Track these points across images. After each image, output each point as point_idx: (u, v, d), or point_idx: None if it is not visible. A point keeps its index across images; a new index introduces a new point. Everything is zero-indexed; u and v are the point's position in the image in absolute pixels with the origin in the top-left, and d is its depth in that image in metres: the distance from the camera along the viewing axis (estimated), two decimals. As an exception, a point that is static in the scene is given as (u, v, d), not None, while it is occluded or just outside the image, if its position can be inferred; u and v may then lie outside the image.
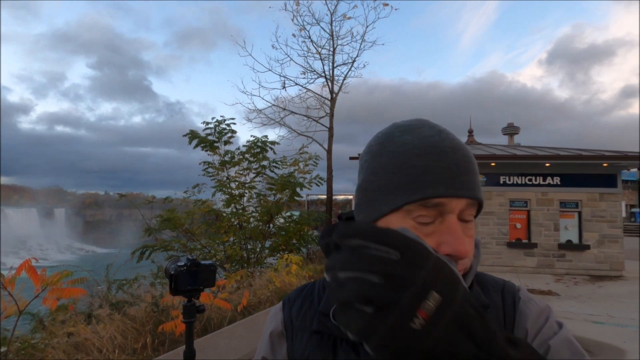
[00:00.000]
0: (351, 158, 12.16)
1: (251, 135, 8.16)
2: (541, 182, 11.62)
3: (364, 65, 13.45)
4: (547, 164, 11.39)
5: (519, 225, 11.72)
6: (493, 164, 11.60)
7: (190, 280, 1.35)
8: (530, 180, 11.66)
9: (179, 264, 1.34)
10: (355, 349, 0.61)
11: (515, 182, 11.71)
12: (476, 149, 13.54)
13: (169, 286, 1.33)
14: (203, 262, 1.41)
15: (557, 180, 11.52)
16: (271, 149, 7.87)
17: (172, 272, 1.33)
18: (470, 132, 15.95)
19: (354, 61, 12.79)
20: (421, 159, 0.56)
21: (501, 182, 11.75)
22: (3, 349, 3.08)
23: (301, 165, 9.23)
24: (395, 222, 0.56)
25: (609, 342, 5.26)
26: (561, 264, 11.37)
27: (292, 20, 12.17)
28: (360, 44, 12.81)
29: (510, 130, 20.10)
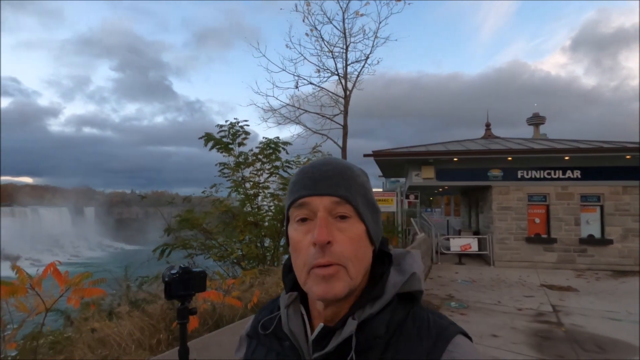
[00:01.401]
0: (365, 155, 12.23)
1: (263, 137, 8.29)
2: (561, 176, 11.37)
3: (378, 62, 13.41)
4: (567, 157, 11.13)
5: (537, 220, 11.52)
6: (510, 158, 11.43)
7: (182, 286, 1.51)
8: (549, 174, 11.43)
9: (172, 271, 1.51)
10: (277, 358, 0.72)
11: (533, 177, 11.51)
12: (493, 143, 13.34)
13: (164, 291, 1.50)
14: (194, 269, 1.57)
15: (577, 173, 11.25)
16: (284, 149, 8.03)
17: (166, 279, 1.50)
18: (488, 125, 15.66)
19: (367, 58, 12.78)
20: (295, 177, 0.71)
21: (519, 176, 11.57)
22: (35, 343, 3.38)
23: (314, 164, 9.37)
24: (290, 229, 0.70)
25: (625, 340, 5.20)
26: (583, 259, 11.13)
27: (303, 20, 12.26)
28: (373, 40, 12.78)
29: (536, 121, 19.52)
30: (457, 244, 12.10)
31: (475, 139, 15.41)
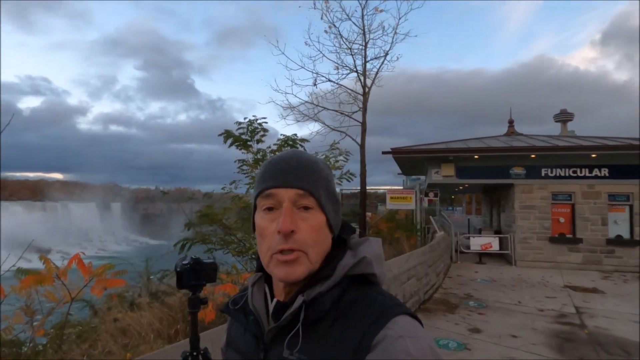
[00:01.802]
0: (384, 152, 12.15)
1: (281, 134, 8.35)
2: (587, 174, 10.99)
3: (397, 58, 13.21)
4: (593, 155, 10.75)
5: (562, 220, 11.19)
6: (533, 155, 11.13)
7: (193, 276, 1.56)
8: (574, 172, 11.07)
9: (184, 262, 1.56)
10: (244, 332, 0.81)
11: (558, 175, 11.18)
12: (516, 140, 13.01)
13: (176, 280, 1.56)
14: (205, 260, 1.62)
15: (605, 172, 10.86)
16: (301, 146, 8.06)
17: (178, 269, 1.55)
18: (511, 122, 15.26)
19: (386, 54, 12.67)
20: (263, 168, 0.76)
21: (542, 174, 11.26)
22: (62, 332, 3.54)
23: (332, 161, 9.38)
24: (257, 217, 0.75)
25: (651, 344, 5.01)
26: (610, 260, 10.74)
27: (322, 18, 12.25)
28: (393, 37, 12.66)
29: (563, 117, 18.84)
30: (477, 242, 11.89)
31: (497, 136, 15.06)
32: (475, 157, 11.73)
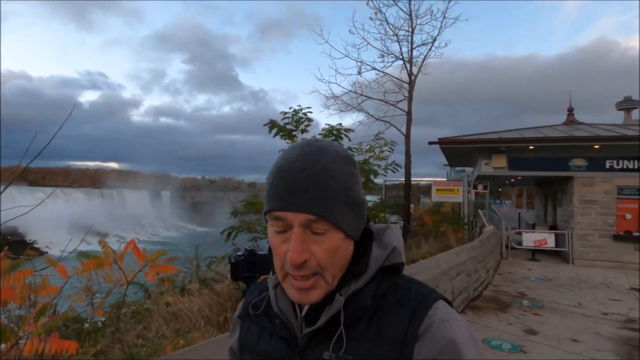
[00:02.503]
0: (430, 143, 11.73)
1: (325, 124, 8.29)
2: (660, 167, 9.97)
3: (446, 44, 12.65)
4: (669, 145, 9.72)
5: (628, 216, 10.26)
6: (597, 146, 10.26)
7: (247, 268, 1.51)
8: (645, 164, 10.08)
9: (238, 253, 1.52)
10: (270, 336, 0.74)
11: (625, 167, 10.23)
12: (576, 129, 12.05)
13: (230, 272, 1.52)
14: (260, 252, 1.57)
15: (681, 164, 9.79)
16: (346, 136, 7.94)
17: (232, 261, 1.51)
18: (570, 110, 14.13)
19: (434, 40, 12.16)
20: (272, 177, 0.66)
21: (607, 166, 10.36)
22: (118, 312, 3.72)
23: (376, 151, 9.18)
24: (269, 232, 0.68)
25: None
26: (684, 262, 9.73)
27: (367, 4, 11.94)
28: (442, 21, 12.11)
29: (627, 105, 17.20)
30: (530, 238, 11.22)
31: (555, 125, 14.03)
32: (531, 147, 11.00)
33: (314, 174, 0.63)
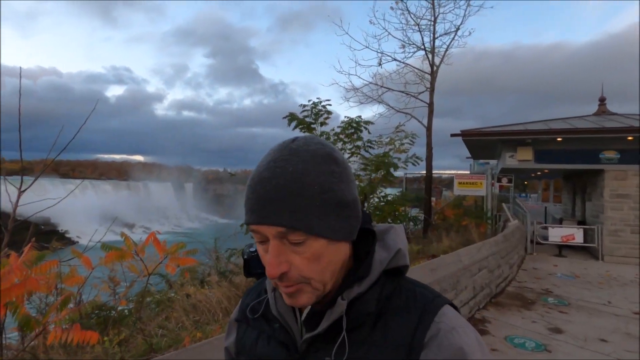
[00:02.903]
0: (452, 135, 11.46)
1: (345, 116, 8.19)
2: (699, 159, 9.42)
3: (470, 33, 12.28)
4: None
5: (664, 211, 9.77)
6: (630, 137, 9.77)
7: (260, 264, 1.50)
8: (683, 156, 9.55)
9: (251, 249, 1.51)
10: (269, 341, 0.73)
11: (661, 159, 9.71)
12: (608, 120, 11.51)
13: (243, 268, 1.51)
14: (272, 248, 1.55)
15: None
16: (365, 128, 7.86)
17: (245, 257, 1.50)
18: (602, 100, 13.49)
19: (457, 29, 11.82)
20: (247, 189, 0.64)
21: (641, 159, 9.87)
22: (141, 300, 3.83)
23: (397, 144, 9.05)
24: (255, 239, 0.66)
25: None
26: None
27: (389, -8, 11.67)
28: (465, 9, 11.75)
29: (663, 94, 16.35)
30: (557, 233, 10.86)
31: (585, 116, 13.45)
32: (558, 139, 10.59)
33: (281, 184, 0.59)
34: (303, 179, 0.60)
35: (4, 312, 1.91)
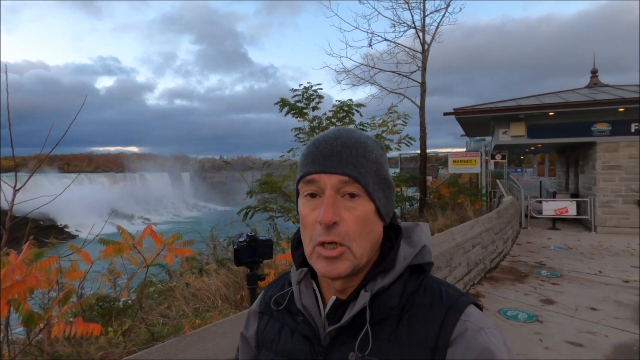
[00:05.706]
0: (445, 114, 11.46)
1: (336, 100, 8.17)
2: (689, 128, 9.50)
3: (460, 9, 12.13)
4: (700, 105, 9.21)
5: (655, 181, 9.90)
6: (621, 109, 9.82)
7: (249, 253, 1.57)
8: (673, 126, 9.62)
9: (240, 239, 1.57)
10: (292, 334, 0.73)
11: (652, 130, 9.79)
12: (599, 92, 11.52)
13: (233, 258, 1.57)
14: (261, 237, 1.62)
15: None
16: (357, 111, 7.85)
17: (235, 247, 1.56)
18: (594, 72, 13.46)
19: (448, 5, 11.68)
20: (307, 148, 0.69)
21: (632, 130, 9.94)
22: (142, 291, 3.92)
23: (390, 125, 9.05)
24: (299, 203, 0.69)
25: None
26: None
27: (378, -30, 11.48)
28: (455, -16, 11.55)
29: (657, 63, 16.31)
30: (551, 207, 11.01)
31: (577, 89, 13.44)
32: (550, 114, 10.62)
33: (347, 142, 0.66)
34: (366, 144, 0.67)
35: (8, 309, 1.98)
